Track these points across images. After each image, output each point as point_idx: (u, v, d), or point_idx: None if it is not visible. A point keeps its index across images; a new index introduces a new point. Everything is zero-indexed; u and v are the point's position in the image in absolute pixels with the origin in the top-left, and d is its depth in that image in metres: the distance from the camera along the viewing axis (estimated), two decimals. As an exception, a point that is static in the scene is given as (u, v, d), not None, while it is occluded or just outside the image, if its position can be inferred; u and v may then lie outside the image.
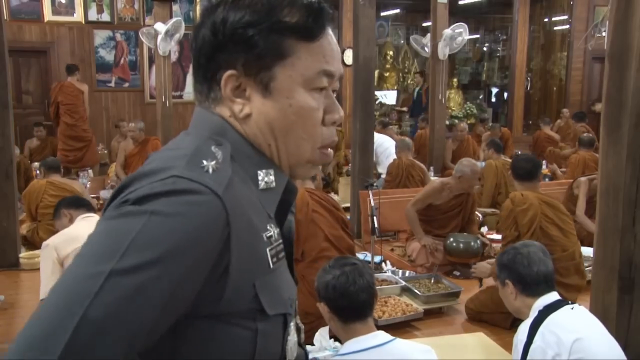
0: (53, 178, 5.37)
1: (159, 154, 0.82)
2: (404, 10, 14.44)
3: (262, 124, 0.85)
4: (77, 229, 2.85)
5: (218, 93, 0.85)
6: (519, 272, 2.15)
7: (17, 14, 9.26)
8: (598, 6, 11.68)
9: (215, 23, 0.83)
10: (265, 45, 0.81)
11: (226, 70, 0.83)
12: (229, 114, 0.86)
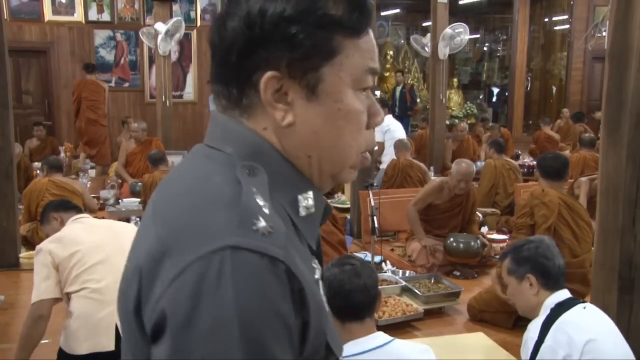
0: (55, 177, 5.36)
1: (179, 198, 0.70)
2: (404, 10, 14.44)
3: (306, 134, 0.74)
4: (72, 231, 2.77)
5: (254, 98, 0.73)
6: (543, 265, 2.07)
7: (17, 14, 9.26)
8: (598, 6, 11.68)
9: (251, 14, 0.71)
10: (312, 42, 0.71)
11: (266, 71, 0.71)
12: (264, 125, 0.74)
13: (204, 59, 10.28)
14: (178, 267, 0.62)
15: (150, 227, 0.70)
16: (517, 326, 3.63)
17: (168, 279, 0.63)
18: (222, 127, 0.76)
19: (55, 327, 3.52)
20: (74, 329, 2.57)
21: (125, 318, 0.71)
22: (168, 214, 0.69)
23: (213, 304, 0.60)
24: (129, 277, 0.70)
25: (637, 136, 2.42)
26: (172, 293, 0.62)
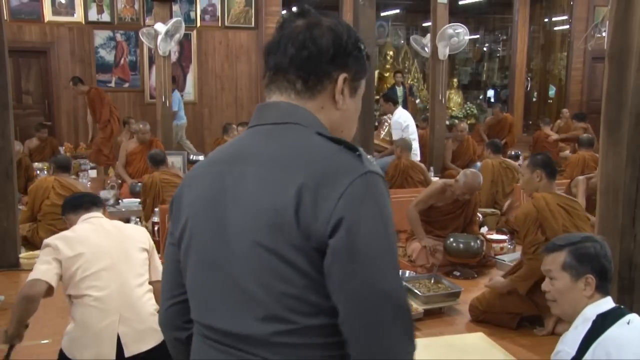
0: (61, 177, 5.33)
1: (304, 150, 1.05)
2: (403, 10, 14.44)
3: (345, 116, 1.16)
4: (81, 231, 2.73)
5: (327, 87, 1.12)
6: (604, 267, 1.89)
7: (17, 14, 9.26)
8: (598, 6, 11.68)
9: (341, 38, 1.12)
10: (364, 64, 1.17)
11: (342, 73, 1.13)
12: (322, 105, 1.13)
13: (203, 59, 10.28)
14: (344, 185, 0.98)
15: (278, 173, 1.02)
16: (523, 327, 3.64)
17: (337, 195, 0.97)
18: (289, 110, 1.11)
19: (55, 327, 3.53)
20: (75, 336, 2.55)
21: (267, 245, 1.00)
22: (306, 160, 1.02)
23: (371, 201, 0.99)
24: (278, 212, 0.99)
25: (637, 136, 2.42)
26: (346, 201, 0.97)
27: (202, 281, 1.12)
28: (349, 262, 0.96)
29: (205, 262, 1.11)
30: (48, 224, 5.15)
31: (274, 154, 1.06)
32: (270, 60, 1.15)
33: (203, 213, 1.11)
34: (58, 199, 5.17)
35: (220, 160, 1.14)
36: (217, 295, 1.09)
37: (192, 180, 1.18)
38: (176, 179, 5.84)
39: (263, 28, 10.48)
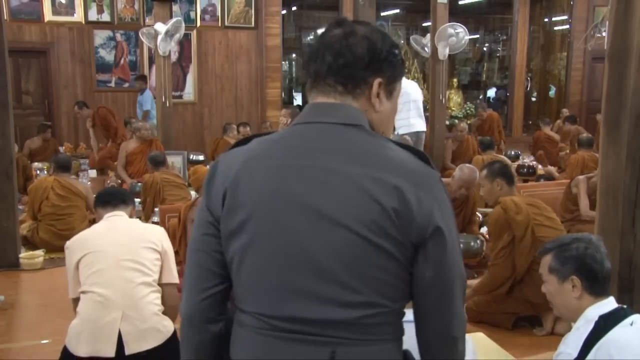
0: (61, 177, 5.33)
1: (387, 153, 1.15)
2: (403, 10, 14.44)
3: (383, 117, 1.24)
4: (94, 230, 2.81)
5: (364, 91, 1.20)
6: (590, 267, 1.89)
7: (17, 14, 9.26)
8: (598, 6, 11.68)
9: (376, 44, 1.20)
10: (399, 68, 1.25)
11: (377, 78, 1.20)
12: (365, 108, 1.21)
13: (203, 59, 10.27)
14: (434, 189, 1.13)
15: (368, 171, 1.11)
16: (519, 326, 3.64)
17: (433, 198, 1.12)
18: (349, 112, 1.19)
19: (56, 327, 3.53)
20: (78, 330, 2.57)
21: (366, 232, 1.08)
22: (393, 162, 1.13)
23: (449, 202, 1.17)
24: (377, 207, 1.09)
25: (637, 136, 2.42)
26: (439, 203, 1.13)
27: (278, 273, 1.12)
28: (443, 254, 1.13)
29: (284, 253, 1.11)
30: (48, 224, 5.15)
31: (354, 152, 1.14)
32: (310, 67, 1.23)
33: (276, 206, 1.12)
34: (58, 199, 5.18)
35: (285, 155, 1.16)
36: (299, 286, 1.10)
37: (248, 174, 1.15)
38: (177, 179, 5.85)
39: (263, 28, 10.48)
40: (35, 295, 4.22)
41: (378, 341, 1.13)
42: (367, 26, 1.23)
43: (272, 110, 10.72)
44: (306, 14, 14.22)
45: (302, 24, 14.43)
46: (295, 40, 14.37)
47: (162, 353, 2.61)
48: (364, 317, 1.10)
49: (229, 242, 1.16)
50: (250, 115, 10.59)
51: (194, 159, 8.50)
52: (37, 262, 4.79)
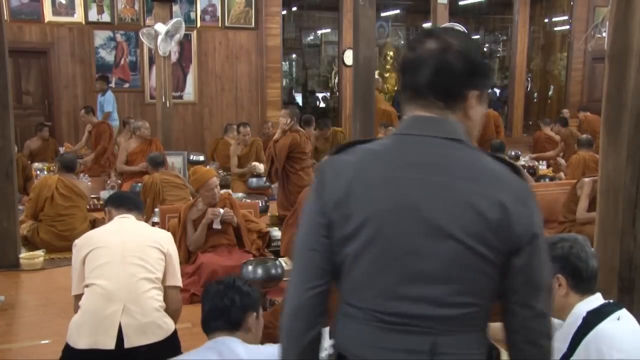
0: (65, 176, 5.33)
1: (488, 166, 1.26)
2: (404, 10, 14.44)
3: (476, 122, 1.32)
4: (103, 229, 2.90)
5: (462, 103, 1.28)
6: (575, 265, 1.93)
7: (17, 15, 9.25)
8: (598, 7, 11.68)
9: (471, 59, 1.27)
10: (489, 75, 1.37)
11: (472, 90, 1.28)
12: (460, 119, 1.28)
13: (203, 59, 10.27)
14: (531, 203, 1.24)
15: (476, 186, 1.21)
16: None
17: (531, 212, 1.23)
18: (454, 127, 1.27)
19: (56, 327, 3.53)
20: (79, 323, 2.60)
21: (468, 241, 1.20)
22: (497, 178, 1.24)
23: (538, 211, 1.26)
24: (482, 220, 1.20)
25: (637, 136, 2.42)
26: (536, 215, 1.24)
27: (389, 275, 1.24)
28: (538, 263, 1.26)
29: (396, 258, 1.23)
30: (49, 224, 5.15)
31: (461, 167, 1.24)
32: (406, 78, 1.30)
33: (389, 215, 1.23)
34: (61, 199, 5.20)
35: (396, 167, 1.26)
36: (408, 288, 1.23)
37: (362, 184, 1.26)
38: (176, 179, 5.85)
39: (263, 28, 10.48)
40: (35, 296, 4.23)
41: (471, 331, 1.27)
42: (459, 37, 1.29)
43: (272, 111, 10.72)
44: (306, 14, 14.22)
45: (302, 24, 14.44)
46: (295, 41, 14.38)
47: (161, 350, 2.62)
48: (463, 314, 1.24)
49: (343, 246, 1.27)
50: (251, 115, 10.59)
51: (194, 160, 8.50)
52: (37, 263, 4.80)
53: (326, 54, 14.55)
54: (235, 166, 7.71)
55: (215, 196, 4.40)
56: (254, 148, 7.95)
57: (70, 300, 2.80)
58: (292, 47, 14.18)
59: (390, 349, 1.24)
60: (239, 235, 4.51)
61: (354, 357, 1.28)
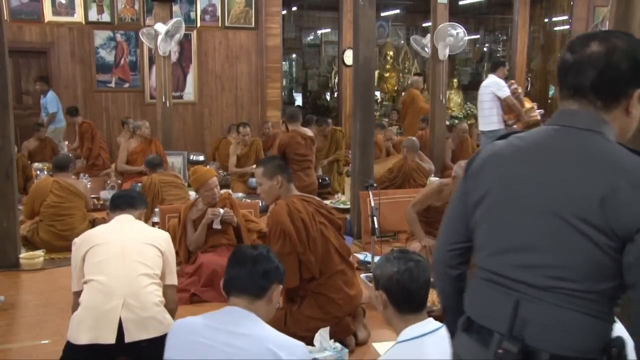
0: (59, 177, 5.35)
1: (620, 157, 1.29)
2: (404, 10, 14.45)
3: (633, 120, 1.38)
4: (102, 227, 2.98)
5: (623, 102, 1.34)
6: None
7: (17, 15, 9.26)
8: (598, 6, 11.68)
9: (637, 60, 1.31)
10: None
11: (635, 89, 1.33)
12: (614, 117, 1.35)
13: (203, 59, 10.27)
14: None
15: (596, 170, 1.27)
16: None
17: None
18: (595, 121, 1.34)
19: (56, 327, 3.53)
20: (80, 318, 2.62)
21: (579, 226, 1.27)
22: (619, 165, 1.26)
23: None
24: (589, 201, 1.25)
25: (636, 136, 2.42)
26: None
27: (501, 237, 1.40)
28: None
29: (507, 225, 1.39)
30: (48, 224, 5.15)
31: (585, 153, 1.31)
32: (567, 79, 1.38)
33: (508, 188, 1.39)
34: (57, 200, 5.19)
35: (525, 149, 1.40)
36: (511, 251, 1.37)
37: (494, 161, 1.45)
38: (175, 179, 5.85)
39: (263, 28, 10.48)
40: (35, 296, 4.22)
41: (564, 309, 1.31)
42: (624, 38, 1.35)
43: (272, 111, 10.72)
44: (306, 14, 14.23)
45: (302, 24, 14.44)
46: (295, 40, 14.38)
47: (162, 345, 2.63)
48: (553, 287, 1.31)
49: (474, 210, 1.48)
50: (251, 115, 10.59)
51: (194, 159, 8.50)
52: (37, 262, 4.80)
53: (326, 54, 14.55)
54: (234, 165, 7.72)
55: (215, 196, 4.40)
56: (254, 148, 7.96)
57: (71, 300, 2.81)
58: (292, 47, 14.19)
59: (488, 305, 1.41)
60: (239, 235, 4.51)
61: (469, 307, 1.48)
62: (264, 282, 2.04)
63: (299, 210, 3.18)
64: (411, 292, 1.98)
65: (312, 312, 3.19)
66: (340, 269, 3.26)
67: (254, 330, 1.93)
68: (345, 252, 3.38)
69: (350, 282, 3.31)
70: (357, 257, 4.89)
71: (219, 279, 4.09)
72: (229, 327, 1.93)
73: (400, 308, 1.99)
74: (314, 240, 3.17)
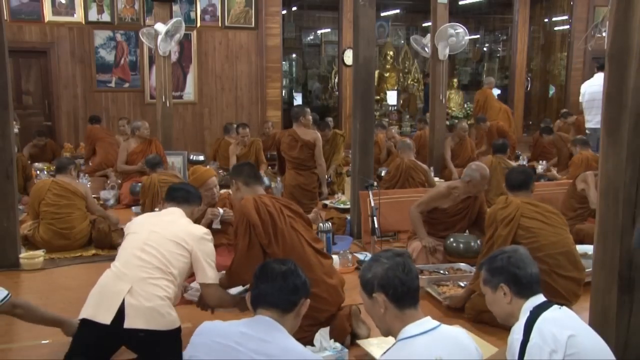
0: (58, 178, 5.39)
1: None
2: (404, 10, 14.45)
3: None
4: (146, 217, 3.21)
5: None
6: (514, 274, 2.18)
7: (17, 15, 9.26)
8: (598, 6, 11.68)
9: None
10: None
11: None
12: None
13: (204, 59, 10.28)
14: None
15: None
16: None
17: None
18: None
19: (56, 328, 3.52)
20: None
21: None
22: None
23: None
24: None
25: (637, 136, 2.42)
26: None
27: None
28: None
29: None
30: (48, 222, 5.16)
31: None
32: None
33: None
34: (55, 199, 5.22)
35: None
36: None
37: None
38: (174, 179, 5.84)
39: (263, 28, 10.48)
40: (35, 296, 4.22)
41: None
42: None
43: (273, 110, 10.73)
44: (306, 14, 14.23)
45: (302, 24, 14.45)
46: (295, 40, 14.39)
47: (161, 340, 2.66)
48: None
49: None
50: (251, 115, 10.59)
51: (194, 159, 8.49)
52: (37, 262, 4.79)
53: (326, 53, 14.55)
54: (235, 166, 7.72)
55: (214, 196, 4.40)
56: (253, 148, 7.95)
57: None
58: (292, 47, 14.19)
59: None
60: (239, 235, 4.50)
61: None
62: (294, 298, 2.06)
63: (265, 204, 3.23)
64: (408, 284, 1.97)
65: None
66: (314, 261, 3.27)
67: (282, 342, 1.96)
68: (318, 245, 3.41)
69: (328, 273, 3.33)
70: (357, 257, 4.89)
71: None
72: (261, 335, 1.96)
73: (401, 304, 1.97)
74: (282, 232, 3.19)
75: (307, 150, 6.36)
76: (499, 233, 3.54)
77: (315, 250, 3.35)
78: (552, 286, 3.44)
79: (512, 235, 3.51)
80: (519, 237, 3.51)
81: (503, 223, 3.54)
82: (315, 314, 3.14)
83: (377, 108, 11.80)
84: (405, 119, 12.64)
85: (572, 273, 3.51)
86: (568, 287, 3.51)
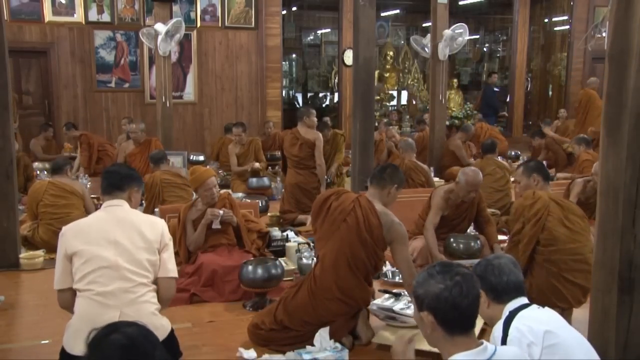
0: (55, 179, 5.40)
1: None
2: (404, 10, 14.45)
3: None
4: (93, 221, 2.78)
5: None
6: (490, 282, 2.28)
7: (17, 15, 9.26)
8: (598, 6, 11.68)
9: None
10: None
11: None
12: None
13: (204, 59, 10.28)
14: None
15: None
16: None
17: None
18: None
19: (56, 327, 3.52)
20: (75, 328, 2.58)
21: None
22: None
23: None
24: None
25: (637, 136, 2.42)
26: None
27: None
28: None
29: None
30: (47, 223, 5.17)
31: None
32: None
33: None
34: (53, 199, 5.23)
35: None
36: None
37: None
38: (177, 179, 5.84)
39: (263, 28, 10.48)
40: (35, 295, 4.22)
41: None
42: None
43: (273, 110, 10.73)
44: (306, 14, 14.23)
45: (302, 24, 14.45)
46: (295, 40, 14.38)
47: None
48: None
49: None
50: (251, 115, 10.59)
51: (194, 159, 8.49)
52: (37, 262, 4.79)
53: (326, 54, 14.55)
54: (235, 165, 7.71)
55: (214, 196, 4.39)
56: (252, 147, 7.95)
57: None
58: (292, 47, 14.19)
59: None
60: (239, 235, 4.50)
61: None
62: None
63: None
64: (462, 310, 1.79)
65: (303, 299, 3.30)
66: None
67: None
68: None
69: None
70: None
71: (219, 279, 4.12)
72: None
73: (450, 329, 1.81)
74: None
75: (307, 149, 6.35)
76: (526, 231, 3.54)
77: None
78: (559, 289, 3.46)
79: (537, 234, 3.52)
80: (539, 237, 3.51)
81: (531, 222, 3.53)
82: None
83: (377, 108, 11.79)
84: (406, 119, 12.64)
85: (580, 281, 3.50)
86: (574, 292, 3.50)
